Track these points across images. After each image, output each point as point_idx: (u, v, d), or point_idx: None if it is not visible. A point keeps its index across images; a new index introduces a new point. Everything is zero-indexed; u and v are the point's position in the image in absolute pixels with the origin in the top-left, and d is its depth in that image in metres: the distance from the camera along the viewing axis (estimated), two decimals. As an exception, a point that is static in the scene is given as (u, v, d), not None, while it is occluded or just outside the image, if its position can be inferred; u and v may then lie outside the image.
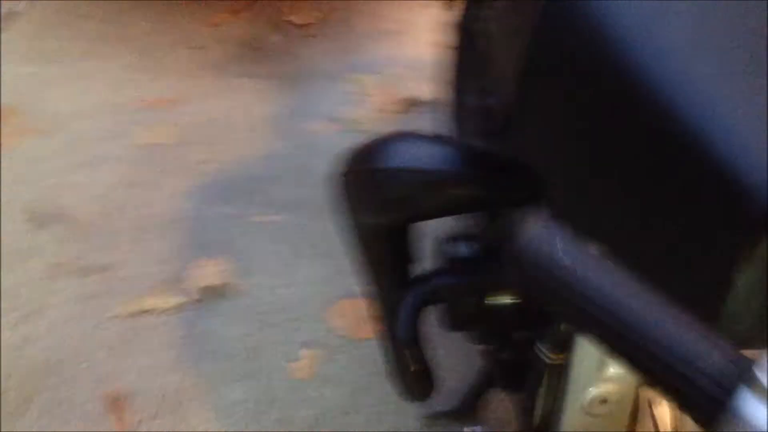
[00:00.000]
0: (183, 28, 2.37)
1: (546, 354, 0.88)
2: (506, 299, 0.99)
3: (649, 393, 0.89)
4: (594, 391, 0.89)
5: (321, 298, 1.60)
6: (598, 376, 0.89)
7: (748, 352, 0.41)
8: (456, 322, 1.03)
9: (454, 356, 1.44)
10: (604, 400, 0.89)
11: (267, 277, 1.65)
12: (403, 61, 2.25)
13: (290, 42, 2.34)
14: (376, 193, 0.98)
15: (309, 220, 1.76)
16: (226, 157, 1.94)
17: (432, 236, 1.10)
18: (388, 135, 1.01)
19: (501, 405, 1.35)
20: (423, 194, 0.94)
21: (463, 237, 1.04)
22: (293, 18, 2.42)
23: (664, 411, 0.87)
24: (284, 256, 1.69)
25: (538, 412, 0.95)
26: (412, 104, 2.08)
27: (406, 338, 0.98)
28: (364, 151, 1.02)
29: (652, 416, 0.93)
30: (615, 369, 0.88)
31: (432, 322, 1.09)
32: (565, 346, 0.87)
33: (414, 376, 1.00)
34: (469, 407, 1.34)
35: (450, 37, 1.60)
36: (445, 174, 0.92)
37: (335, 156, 2.11)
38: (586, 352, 0.88)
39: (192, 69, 2.23)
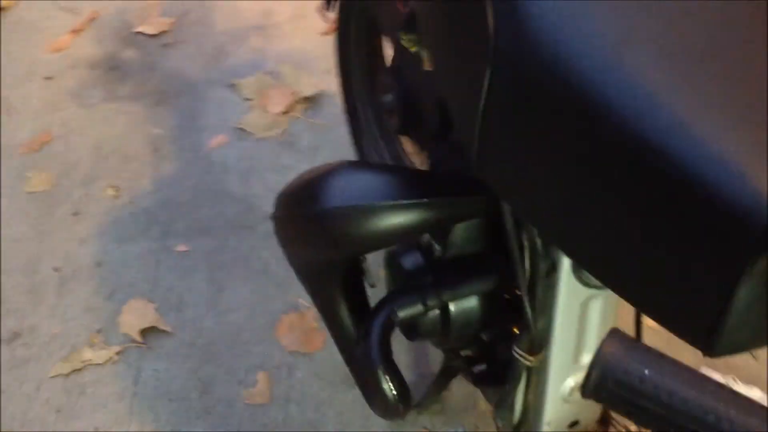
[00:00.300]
0: (24, 59, 2.17)
1: (523, 356, 0.91)
2: (469, 301, 1.02)
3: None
4: (572, 381, 0.94)
5: (264, 318, 1.59)
6: (575, 367, 0.93)
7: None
8: (423, 332, 1.05)
9: (411, 349, 1.48)
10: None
11: (203, 306, 1.63)
12: (277, 56, 2.16)
13: (148, 55, 2.19)
14: (323, 235, 0.98)
15: (234, 239, 1.74)
16: (127, 191, 1.86)
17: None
18: (323, 170, 1.01)
19: (470, 397, 1.40)
20: (373, 229, 0.94)
21: (414, 248, 1.06)
22: (143, 28, 2.25)
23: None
24: (216, 282, 1.66)
25: (518, 406, 0.99)
26: (303, 103, 2.03)
27: (380, 364, 1.00)
28: (303, 191, 1.02)
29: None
30: (588, 357, 0.93)
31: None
32: (540, 346, 0.91)
33: (394, 397, 1.02)
34: (432, 401, 1.38)
35: (346, 36, 1.59)
36: (394, 207, 0.93)
37: (242, 169, 2.06)
38: (562, 346, 0.92)
39: (50, 103, 2.06)
